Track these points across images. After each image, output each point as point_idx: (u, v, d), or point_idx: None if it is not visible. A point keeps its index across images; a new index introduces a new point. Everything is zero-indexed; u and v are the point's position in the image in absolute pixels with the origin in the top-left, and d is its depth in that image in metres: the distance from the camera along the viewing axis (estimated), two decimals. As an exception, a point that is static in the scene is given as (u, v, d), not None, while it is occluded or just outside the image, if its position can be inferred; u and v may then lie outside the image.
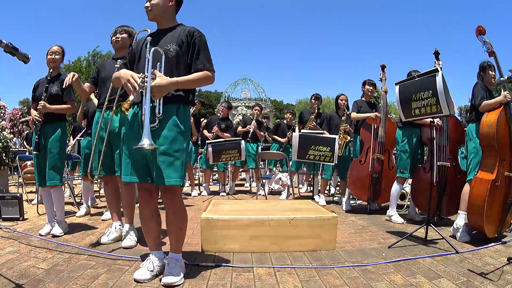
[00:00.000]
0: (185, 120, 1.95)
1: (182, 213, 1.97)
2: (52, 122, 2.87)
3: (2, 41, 1.57)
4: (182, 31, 1.97)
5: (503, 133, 2.77)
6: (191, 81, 1.91)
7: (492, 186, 2.68)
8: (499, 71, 2.85)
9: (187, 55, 1.95)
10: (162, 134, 1.86)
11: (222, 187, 5.80)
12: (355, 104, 4.38)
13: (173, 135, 1.87)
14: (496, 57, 2.83)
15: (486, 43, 2.82)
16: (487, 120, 2.81)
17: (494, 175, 2.72)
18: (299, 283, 1.94)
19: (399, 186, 3.66)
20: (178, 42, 1.93)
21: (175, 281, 1.85)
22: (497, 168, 2.74)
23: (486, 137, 2.79)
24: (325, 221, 2.56)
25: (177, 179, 1.86)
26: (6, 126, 6.32)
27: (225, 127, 5.88)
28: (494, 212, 2.75)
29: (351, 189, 4.17)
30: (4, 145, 4.63)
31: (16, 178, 6.92)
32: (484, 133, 2.80)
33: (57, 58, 2.90)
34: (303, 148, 4.28)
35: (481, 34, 2.86)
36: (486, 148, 2.84)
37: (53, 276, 1.95)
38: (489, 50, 2.83)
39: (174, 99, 1.92)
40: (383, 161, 4.01)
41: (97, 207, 4.32)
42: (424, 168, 3.48)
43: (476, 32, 2.89)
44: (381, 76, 4.13)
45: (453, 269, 2.15)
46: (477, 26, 2.88)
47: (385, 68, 4.12)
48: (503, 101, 2.82)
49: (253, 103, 18.98)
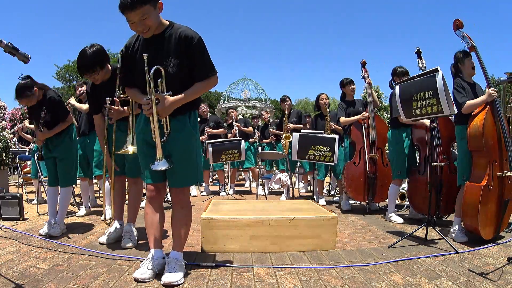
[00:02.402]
0: (195, 124, 2.05)
1: (189, 209, 2.05)
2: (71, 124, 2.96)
3: (2, 41, 1.57)
4: (176, 36, 1.85)
5: (490, 133, 2.68)
6: (196, 92, 1.94)
7: (485, 191, 2.62)
8: (482, 66, 2.68)
9: (188, 63, 1.89)
10: (180, 144, 1.95)
11: (222, 187, 5.80)
12: (341, 107, 4.34)
13: (189, 143, 1.98)
14: (477, 52, 2.67)
15: (465, 37, 2.69)
16: (473, 124, 2.69)
17: (485, 180, 2.64)
18: (299, 283, 1.94)
19: (397, 187, 3.65)
20: (176, 53, 1.85)
21: (175, 281, 1.85)
22: (488, 172, 2.67)
23: (474, 142, 2.70)
24: (325, 221, 2.56)
25: (194, 179, 2.05)
26: (6, 126, 6.31)
27: (214, 124, 5.91)
28: (490, 215, 2.70)
29: (349, 191, 4.15)
30: (4, 145, 4.63)
31: (16, 178, 6.92)
32: (471, 137, 2.71)
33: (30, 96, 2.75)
34: (303, 148, 4.28)
35: (458, 29, 2.72)
36: (475, 152, 2.76)
37: (53, 276, 1.95)
38: (469, 45, 2.68)
39: (184, 109, 1.95)
40: (377, 159, 4.00)
41: (97, 207, 4.32)
42: (419, 171, 3.46)
43: (454, 27, 2.73)
44: (363, 73, 4.11)
45: (453, 269, 2.15)
46: (454, 20, 2.72)
47: (365, 64, 4.11)
48: (489, 99, 2.67)
49: (253, 103, 19.03)
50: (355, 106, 4.34)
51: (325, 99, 4.88)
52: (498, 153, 2.73)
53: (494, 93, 2.66)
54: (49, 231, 2.80)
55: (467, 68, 2.88)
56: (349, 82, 4.38)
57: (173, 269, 1.89)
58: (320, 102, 4.89)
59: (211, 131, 5.69)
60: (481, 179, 2.69)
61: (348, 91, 4.39)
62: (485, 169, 2.70)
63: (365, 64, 4.12)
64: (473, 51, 2.72)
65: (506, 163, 2.76)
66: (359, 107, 4.31)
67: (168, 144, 1.93)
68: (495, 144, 2.71)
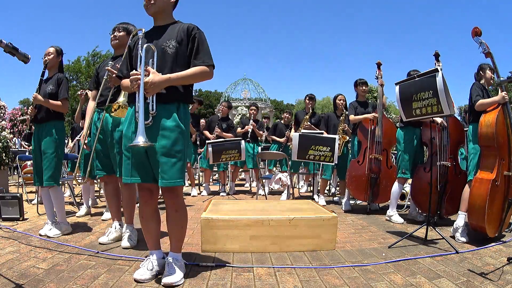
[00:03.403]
0: (185, 119, 1.93)
1: (183, 211, 1.98)
2: (47, 121, 2.87)
3: (2, 41, 1.57)
4: (180, 27, 1.94)
5: (501, 132, 2.77)
6: (186, 76, 1.86)
7: (493, 186, 2.67)
8: (496, 72, 2.84)
9: (187, 51, 1.92)
10: (164, 135, 1.84)
11: (222, 187, 5.80)
12: (352, 106, 4.38)
13: (175, 136, 1.85)
14: (492, 58, 2.81)
15: (482, 44, 2.81)
16: (486, 120, 2.80)
17: (494, 174, 2.71)
18: (299, 283, 1.93)
19: (400, 186, 3.66)
20: (178, 38, 1.90)
21: (175, 281, 1.85)
22: (496, 168, 2.73)
23: (485, 137, 2.78)
24: (325, 221, 2.56)
25: (180, 180, 1.87)
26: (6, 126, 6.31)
27: (226, 127, 5.87)
28: (495, 212, 2.74)
29: (350, 189, 4.18)
30: (4, 145, 4.63)
31: (16, 178, 6.92)
32: (483, 133, 2.79)
33: (50, 58, 2.90)
34: (303, 148, 4.28)
35: (477, 36, 2.84)
36: (485, 148, 2.83)
37: (53, 276, 1.95)
38: (485, 51, 2.81)
39: (173, 97, 1.89)
40: (381, 161, 4.01)
41: (97, 207, 4.32)
42: (425, 168, 3.48)
43: (472, 34, 2.87)
44: (377, 74, 4.12)
45: (453, 269, 2.15)
46: (473, 28, 2.86)
47: (381, 65, 4.11)
48: (501, 101, 2.80)
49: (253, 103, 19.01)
50: (366, 107, 4.36)
51: (342, 100, 4.93)
52: (506, 152, 2.80)
53: (506, 97, 2.80)
54: (48, 232, 2.80)
55: (486, 77, 3.10)
56: (361, 83, 4.43)
57: (173, 270, 1.89)
58: (337, 102, 4.95)
59: (220, 133, 5.67)
60: (491, 170, 2.75)
61: (360, 91, 4.44)
62: (493, 165, 2.76)
63: (381, 65, 4.12)
64: (489, 57, 2.82)
65: None
66: (369, 109, 4.34)
67: (152, 133, 1.82)
68: (505, 143, 2.79)
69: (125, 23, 2.79)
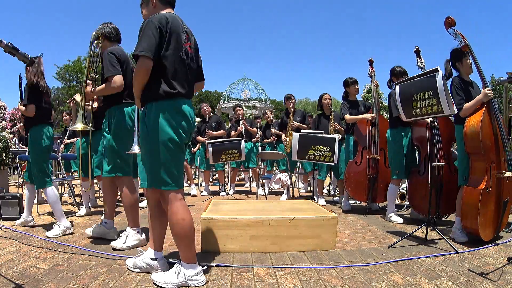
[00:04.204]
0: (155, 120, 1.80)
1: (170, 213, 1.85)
2: (32, 126, 2.95)
3: (2, 41, 1.57)
4: None
5: (488, 135, 2.67)
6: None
7: (484, 194, 2.62)
8: (477, 65, 2.62)
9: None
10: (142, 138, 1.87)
11: (222, 187, 5.80)
12: (345, 106, 4.32)
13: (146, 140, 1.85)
14: (471, 50, 2.61)
15: (458, 36, 2.60)
16: (471, 125, 2.67)
17: (484, 184, 2.63)
18: (299, 283, 1.93)
19: (395, 188, 3.64)
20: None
21: (175, 282, 1.85)
22: (487, 175, 2.65)
23: (471, 144, 2.69)
24: (325, 221, 2.56)
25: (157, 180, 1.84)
26: (6, 126, 6.31)
27: (215, 125, 5.87)
28: (489, 216, 2.69)
29: (349, 191, 4.15)
30: (4, 145, 4.63)
31: (16, 178, 6.93)
32: (468, 139, 2.69)
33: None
34: (303, 148, 4.28)
35: (451, 27, 2.62)
36: (473, 155, 2.74)
37: (53, 276, 1.95)
38: (462, 44, 2.60)
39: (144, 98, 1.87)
40: (379, 160, 4.00)
41: (97, 207, 4.31)
42: (419, 171, 3.45)
43: (446, 25, 2.62)
44: (370, 71, 4.10)
45: (453, 269, 2.15)
46: (446, 18, 2.60)
47: (373, 63, 4.10)
48: (484, 99, 2.64)
49: (253, 103, 19.01)
50: (358, 107, 4.34)
51: (328, 99, 4.88)
52: (495, 154, 2.72)
53: (490, 93, 2.66)
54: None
55: (465, 67, 2.86)
56: (353, 82, 4.38)
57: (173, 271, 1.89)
58: (323, 102, 4.88)
59: (211, 134, 5.68)
60: (479, 183, 2.67)
61: (352, 90, 4.39)
62: (483, 172, 2.68)
63: (373, 62, 4.11)
64: (467, 50, 2.65)
65: (504, 164, 2.76)
66: (361, 107, 4.32)
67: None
68: (492, 145, 2.70)
69: None
